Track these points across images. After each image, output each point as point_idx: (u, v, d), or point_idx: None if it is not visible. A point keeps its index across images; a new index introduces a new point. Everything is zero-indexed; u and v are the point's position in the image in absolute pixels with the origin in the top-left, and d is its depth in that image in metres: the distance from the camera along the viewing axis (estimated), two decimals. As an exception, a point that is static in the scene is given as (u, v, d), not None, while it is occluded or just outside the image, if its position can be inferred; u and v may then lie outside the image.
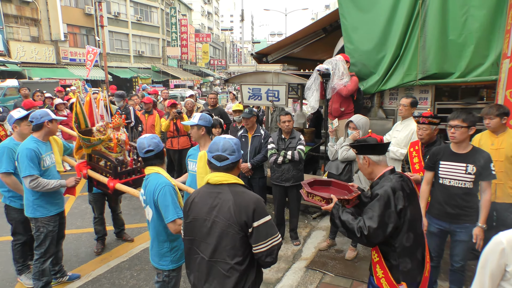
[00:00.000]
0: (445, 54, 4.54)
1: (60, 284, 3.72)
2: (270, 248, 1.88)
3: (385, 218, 1.99)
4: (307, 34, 6.78)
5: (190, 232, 2.00)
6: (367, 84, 5.03)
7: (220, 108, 7.12)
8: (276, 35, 59.47)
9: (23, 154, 3.17)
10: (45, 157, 3.34)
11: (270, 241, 1.88)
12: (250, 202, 1.88)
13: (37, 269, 3.35)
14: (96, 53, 16.39)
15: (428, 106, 5.01)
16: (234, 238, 1.86)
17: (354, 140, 3.93)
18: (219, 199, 1.91)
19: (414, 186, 2.23)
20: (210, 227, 1.90)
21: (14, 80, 17.17)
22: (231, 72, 8.66)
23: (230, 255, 1.87)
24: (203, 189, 2.03)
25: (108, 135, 3.33)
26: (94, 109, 3.52)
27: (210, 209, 1.92)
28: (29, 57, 22.44)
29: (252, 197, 1.92)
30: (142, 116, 6.76)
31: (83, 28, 27.10)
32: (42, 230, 3.34)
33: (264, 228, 1.87)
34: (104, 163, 3.35)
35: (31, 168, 3.15)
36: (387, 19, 4.82)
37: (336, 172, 3.97)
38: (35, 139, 3.33)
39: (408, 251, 2.09)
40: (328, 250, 4.34)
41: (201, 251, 1.95)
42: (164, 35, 36.42)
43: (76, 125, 3.40)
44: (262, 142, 4.71)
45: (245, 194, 1.94)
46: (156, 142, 2.51)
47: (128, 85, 29.79)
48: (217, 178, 1.96)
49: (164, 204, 2.40)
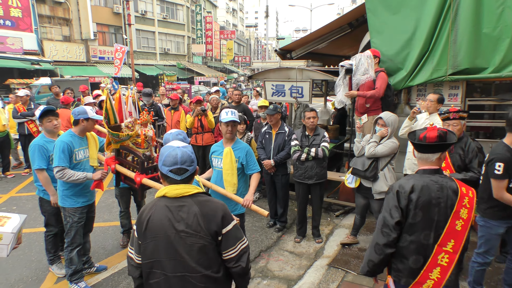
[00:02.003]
0: (478, 48, 4.34)
1: (88, 274, 3.87)
2: (239, 251, 1.86)
3: (390, 213, 2.03)
4: (332, 29, 6.67)
5: (151, 254, 1.82)
6: (394, 80, 4.89)
7: (244, 105, 7.15)
8: (301, 31, 58.81)
9: (57, 145, 3.34)
10: (78, 151, 3.46)
11: (239, 245, 1.87)
12: (218, 210, 1.84)
13: (66, 256, 3.50)
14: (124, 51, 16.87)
15: (458, 103, 4.82)
16: (206, 249, 1.80)
17: (381, 137, 3.85)
18: (184, 212, 1.80)
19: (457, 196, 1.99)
20: (177, 243, 1.78)
21: (47, 78, 17.97)
22: (255, 68, 8.67)
23: (204, 266, 1.80)
24: (159, 203, 1.85)
25: (136, 131, 3.42)
26: (123, 105, 3.63)
27: (174, 224, 1.78)
28: (61, 55, 23.38)
29: (217, 204, 1.88)
30: (168, 112, 6.89)
31: (112, 27, 27.91)
32: (69, 220, 3.49)
33: (233, 232, 1.85)
34: (132, 158, 3.44)
35: (60, 160, 3.29)
36: (416, 13, 4.66)
37: (362, 168, 3.90)
38: (72, 133, 3.48)
39: (400, 252, 2.06)
40: (351, 248, 4.28)
41: (167, 271, 1.80)
42: (189, 33, 36.89)
43: (106, 120, 3.51)
44: (286, 140, 4.69)
45: (210, 202, 1.87)
46: (181, 139, 2.52)
47: (154, 82, 30.45)
48: (177, 191, 1.82)
49: None
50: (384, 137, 3.83)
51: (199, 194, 1.86)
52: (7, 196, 6.26)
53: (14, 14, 20.79)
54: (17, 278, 3.83)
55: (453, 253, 1.97)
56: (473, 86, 5.57)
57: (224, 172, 3.45)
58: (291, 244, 4.57)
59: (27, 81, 18.94)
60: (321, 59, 7.23)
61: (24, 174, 7.49)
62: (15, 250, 4.32)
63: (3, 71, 19.78)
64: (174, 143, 1.91)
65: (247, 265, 1.89)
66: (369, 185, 3.94)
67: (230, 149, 3.45)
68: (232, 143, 3.51)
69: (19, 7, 20.97)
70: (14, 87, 18.01)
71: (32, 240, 4.62)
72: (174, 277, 1.79)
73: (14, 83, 18.60)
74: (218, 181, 3.50)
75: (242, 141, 3.60)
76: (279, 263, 4.09)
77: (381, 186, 3.83)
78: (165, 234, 1.79)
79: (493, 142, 4.98)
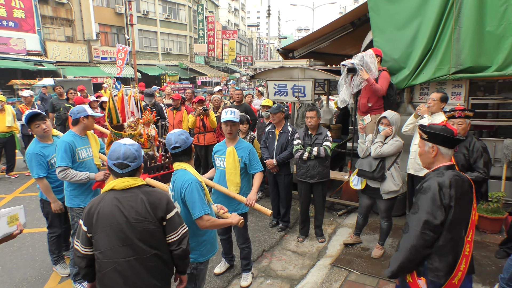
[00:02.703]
0: (481, 47, 4.31)
1: None
2: (181, 236, 2.10)
3: (432, 214, 1.99)
4: (335, 28, 6.65)
5: (103, 244, 1.98)
6: (397, 79, 4.87)
7: (246, 105, 7.14)
8: (303, 30, 58.77)
9: (59, 146, 3.34)
10: (81, 150, 3.46)
11: (180, 229, 2.11)
12: (162, 198, 2.08)
13: (73, 256, 3.50)
14: (127, 51, 16.88)
15: (461, 101, 4.80)
16: (155, 232, 2.03)
17: (386, 137, 3.83)
18: (132, 201, 2.00)
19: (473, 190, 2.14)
20: (128, 229, 1.96)
21: (50, 79, 18.03)
22: (257, 68, 8.67)
23: (153, 247, 2.02)
24: (107, 197, 2.03)
25: (139, 131, 3.44)
26: (126, 105, 3.64)
27: (125, 212, 1.97)
28: (63, 56, 23.46)
29: (162, 193, 2.12)
30: (170, 112, 6.90)
31: (114, 27, 27.97)
32: (76, 219, 3.49)
33: (175, 218, 2.10)
34: None
35: (62, 159, 3.29)
36: (418, 11, 4.64)
37: (369, 169, 3.86)
38: (72, 133, 3.48)
39: (440, 250, 2.03)
40: (354, 248, 4.28)
41: (119, 257, 1.97)
42: (191, 33, 36.92)
43: (109, 120, 3.54)
44: (289, 139, 4.68)
45: (155, 192, 2.11)
46: (183, 139, 2.50)
47: (156, 82, 30.50)
48: (125, 183, 2.03)
49: (191, 201, 2.43)
50: (388, 136, 3.82)
51: (145, 185, 2.11)
52: (11, 196, 6.30)
53: (17, 15, 20.88)
54: (21, 277, 3.85)
55: (471, 242, 2.13)
56: (476, 85, 5.54)
57: (227, 171, 3.46)
58: (293, 243, 4.56)
59: (30, 81, 19.02)
60: (323, 58, 7.22)
61: (27, 174, 7.51)
62: (19, 249, 4.38)
63: (6, 72, 19.88)
64: (123, 141, 2.12)
65: (187, 247, 2.14)
66: (375, 186, 3.91)
67: (233, 148, 3.45)
68: (234, 143, 3.51)
69: (22, 8, 21.06)
70: (18, 88, 18.12)
71: (36, 240, 4.65)
72: (125, 262, 1.97)
73: (17, 83, 18.69)
74: (221, 181, 3.50)
75: (245, 141, 3.61)
76: (282, 263, 4.09)
77: (389, 186, 3.81)
78: (116, 223, 1.97)
79: (496, 141, 4.97)
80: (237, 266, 3.96)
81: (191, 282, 2.65)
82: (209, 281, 3.70)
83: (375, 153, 3.81)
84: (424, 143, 2.20)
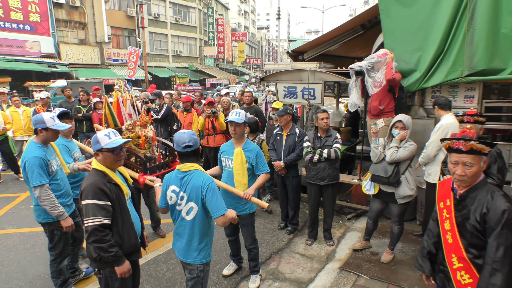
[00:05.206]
0: (496, 49, 4.23)
1: (78, 281, 3.77)
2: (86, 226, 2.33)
3: None
4: (345, 31, 6.63)
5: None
6: (408, 81, 4.82)
7: (256, 107, 7.16)
8: (312, 33, 58.62)
9: (32, 162, 3.02)
10: (52, 161, 3.20)
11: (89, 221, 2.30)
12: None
13: (54, 268, 3.36)
14: (138, 54, 17.13)
15: (474, 105, 4.72)
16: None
17: (400, 140, 3.78)
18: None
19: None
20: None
21: (63, 81, 18.38)
22: (266, 70, 8.68)
23: None
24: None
25: (136, 133, 3.51)
26: (122, 108, 3.71)
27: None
28: (76, 58, 23.90)
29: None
30: (181, 114, 6.95)
31: (125, 30, 28.38)
32: (57, 232, 3.27)
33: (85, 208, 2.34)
34: (135, 160, 3.52)
35: (39, 177, 3.00)
36: (430, 13, 4.58)
37: (384, 174, 3.80)
38: (38, 144, 3.14)
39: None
40: (363, 252, 4.23)
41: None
42: (201, 35, 37.22)
43: (107, 125, 3.60)
44: (296, 141, 4.67)
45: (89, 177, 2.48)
46: (195, 139, 2.54)
47: (166, 84, 30.79)
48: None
49: (214, 200, 2.47)
50: (403, 140, 3.78)
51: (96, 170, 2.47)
52: (25, 195, 6.42)
53: (33, 19, 21.37)
54: (34, 274, 3.91)
55: None
56: (490, 88, 5.44)
57: (234, 172, 3.47)
58: (302, 246, 4.54)
59: (44, 83, 19.41)
60: (333, 61, 7.19)
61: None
62: (33, 247, 4.46)
63: (22, 74, 20.33)
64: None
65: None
66: (390, 190, 3.86)
67: (241, 149, 3.47)
68: (242, 144, 3.52)
69: (38, 12, 21.55)
70: (32, 89, 18.50)
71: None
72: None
73: (32, 85, 19.10)
74: (229, 181, 3.52)
75: (252, 142, 3.62)
76: (290, 266, 4.08)
77: (404, 191, 3.77)
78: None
79: (511, 145, 4.87)
80: (245, 268, 3.96)
81: (197, 285, 2.67)
82: (217, 282, 3.71)
83: (391, 158, 3.75)
84: (479, 158, 1.97)
